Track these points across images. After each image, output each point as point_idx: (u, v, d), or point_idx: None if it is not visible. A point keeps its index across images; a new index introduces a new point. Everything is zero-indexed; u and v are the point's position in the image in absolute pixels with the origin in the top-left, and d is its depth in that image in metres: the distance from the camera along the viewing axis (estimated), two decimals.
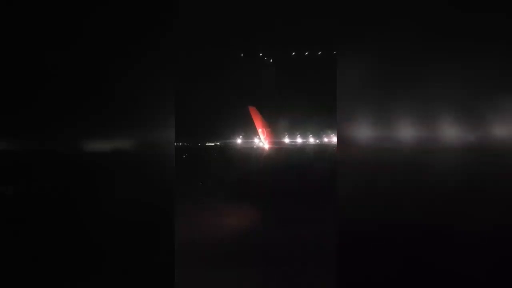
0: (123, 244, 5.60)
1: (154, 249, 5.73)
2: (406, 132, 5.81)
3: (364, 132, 5.88)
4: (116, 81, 5.64)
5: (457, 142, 5.63)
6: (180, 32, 6.64)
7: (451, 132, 5.71)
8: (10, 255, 5.23)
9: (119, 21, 5.58)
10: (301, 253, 7.96)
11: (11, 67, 5.23)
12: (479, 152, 5.59)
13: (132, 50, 5.65)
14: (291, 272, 7.08)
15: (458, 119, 5.67)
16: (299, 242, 8.63)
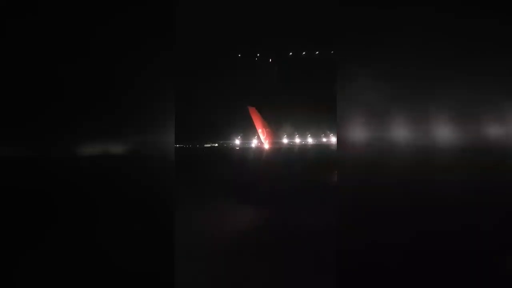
0: (123, 243, 5.62)
1: (154, 248, 5.74)
2: (405, 133, 5.84)
3: (364, 132, 5.90)
4: (118, 88, 5.66)
5: (453, 142, 5.67)
6: (180, 34, 6.64)
7: (450, 133, 5.75)
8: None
9: (121, 26, 5.60)
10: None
11: (22, 74, 5.25)
12: (475, 152, 5.63)
13: (133, 56, 5.67)
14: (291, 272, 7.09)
15: (455, 121, 5.70)
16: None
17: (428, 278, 5.71)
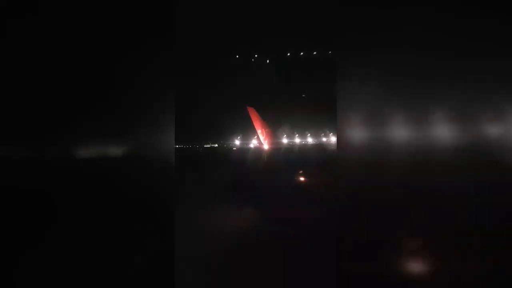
0: (125, 243, 5.61)
1: (154, 248, 5.74)
2: (405, 132, 5.84)
3: (364, 132, 5.90)
4: (118, 88, 5.65)
5: (453, 142, 5.67)
6: (180, 34, 6.64)
7: (450, 133, 5.75)
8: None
9: (121, 26, 5.60)
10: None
11: (22, 74, 5.24)
12: (475, 152, 5.63)
13: (133, 56, 5.67)
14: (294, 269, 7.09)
15: (455, 121, 5.70)
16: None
17: (428, 278, 5.71)
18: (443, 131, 5.77)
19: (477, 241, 5.63)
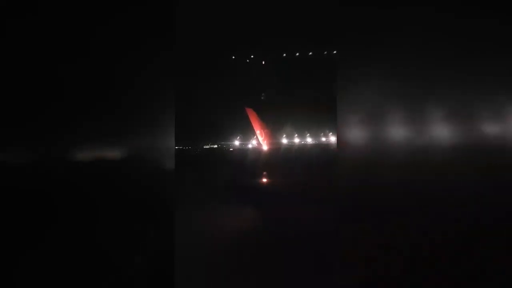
0: (125, 243, 5.62)
1: (154, 248, 5.75)
2: (406, 132, 5.85)
3: (364, 132, 5.91)
4: (118, 88, 5.66)
5: (453, 142, 5.69)
6: (180, 34, 6.64)
7: (450, 132, 5.77)
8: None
9: (121, 26, 5.60)
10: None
11: (22, 74, 5.25)
12: (475, 152, 5.65)
13: (133, 56, 5.68)
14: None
15: (455, 121, 5.71)
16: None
17: (427, 279, 5.71)
18: (442, 131, 5.78)
19: (477, 241, 5.64)
